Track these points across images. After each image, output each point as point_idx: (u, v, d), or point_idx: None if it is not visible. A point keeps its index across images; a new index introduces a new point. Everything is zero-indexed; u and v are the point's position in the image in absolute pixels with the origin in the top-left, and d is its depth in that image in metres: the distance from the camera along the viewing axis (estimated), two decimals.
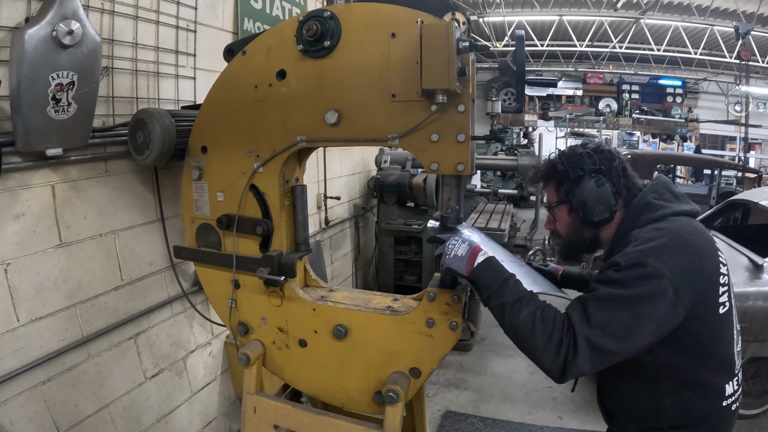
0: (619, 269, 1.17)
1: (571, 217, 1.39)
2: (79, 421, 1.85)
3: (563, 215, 1.41)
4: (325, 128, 1.52)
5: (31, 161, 1.63)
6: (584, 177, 1.33)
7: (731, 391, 1.29)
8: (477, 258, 1.29)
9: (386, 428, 1.52)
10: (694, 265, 1.19)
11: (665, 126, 14.25)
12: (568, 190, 1.36)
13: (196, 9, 2.32)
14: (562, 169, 1.37)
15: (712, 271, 1.24)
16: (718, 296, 1.25)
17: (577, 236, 1.41)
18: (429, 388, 3.50)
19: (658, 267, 1.14)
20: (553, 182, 1.42)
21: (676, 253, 1.17)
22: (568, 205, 1.38)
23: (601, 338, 1.12)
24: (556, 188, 1.41)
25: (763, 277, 2.99)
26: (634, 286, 1.14)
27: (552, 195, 1.43)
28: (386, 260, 4.81)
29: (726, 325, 1.28)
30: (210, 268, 1.83)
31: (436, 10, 1.36)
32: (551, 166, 1.41)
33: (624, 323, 1.13)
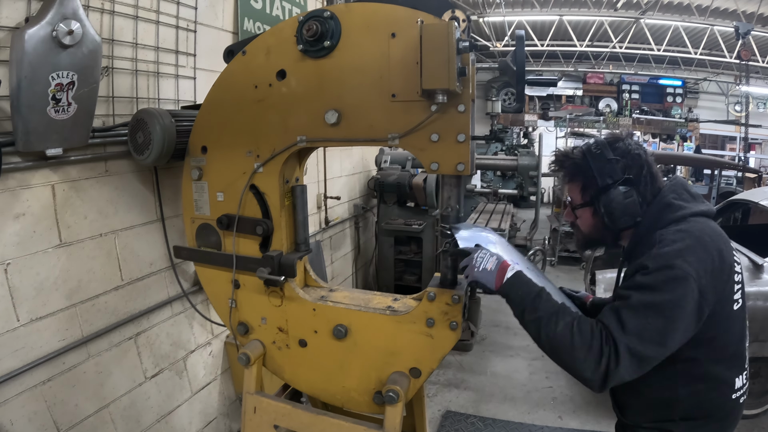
0: (648, 272, 1.19)
1: (595, 220, 1.38)
2: (79, 421, 1.85)
3: (587, 216, 1.40)
4: (325, 128, 1.52)
5: (31, 161, 1.63)
6: (612, 186, 1.31)
7: (741, 384, 1.35)
8: (506, 273, 1.29)
9: (386, 428, 1.52)
10: (715, 265, 1.21)
11: (665, 126, 14.24)
12: (595, 196, 1.35)
13: (196, 9, 2.32)
14: (591, 176, 1.34)
15: (730, 270, 1.27)
16: (733, 294, 1.29)
17: (598, 235, 1.42)
18: (429, 388, 3.50)
19: (684, 268, 1.16)
20: (578, 183, 1.39)
21: (700, 254, 1.20)
22: (593, 208, 1.37)
23: (640, 345, 1.14)
24: (582, 190, 1.39)
25: (763, 277, 2.99)
26: (664, 289, 1.16)
27: (576, 195, 1.41)
28: (386, 260, 4.81)
29: (738, 322, 1.34)
30: (210, 268, 1.84)
31: (435, 10, 1.36)
32: (578, 167, 1.37)
33: (659, 328, 1.15)
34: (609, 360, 1.14)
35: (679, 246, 1.20)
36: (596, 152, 1.34)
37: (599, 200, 1.34)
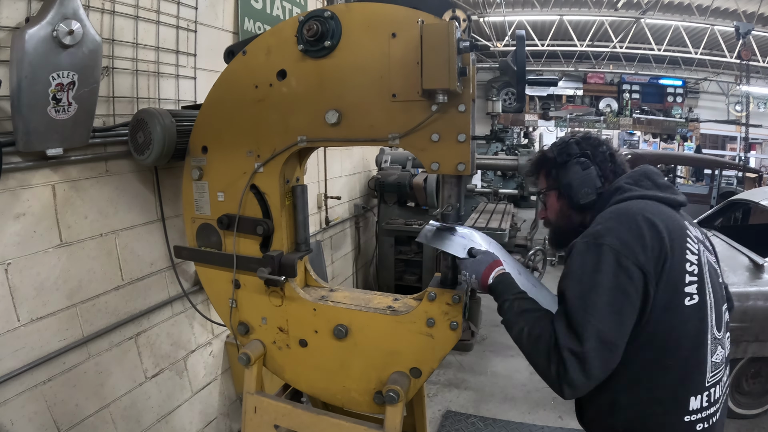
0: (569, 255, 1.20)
1: (560, 203, 1.41)
2: (79, 421, 1.85)
3: (552, 202, 1.44)
4: (325, 128, 1.52)
5: (32, 161, 1.63)
6: (570, 162, 1.36)
7: (697, 406, 1.17)
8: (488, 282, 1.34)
9: (387, 428, 1.52)
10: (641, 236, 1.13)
11: (666, 126, 14.24)
12: (556, 176, 1.40)
13: (196, 9, 2.32)
14: (551, 156, 1.41)
15: (675, 253, 1.16)
16: (683, 284, 1.16)
17: (566, 221, 1.42)
18: (429, 388, 3.50)
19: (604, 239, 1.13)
20: (543, 171, 1.46)
21: (623, 223, 1.16)
22: (557, 191, 1.41)
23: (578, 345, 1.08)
24: (546, 176, 1.45)
25: (763, 277, 2.99)
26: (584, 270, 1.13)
27: (542, 182, 1.47)
28: (387, 260, 4.81)
29: (693, 322, 1.17)
30: (210, 268, 1.84)
31: (436, 10, 1.36)
32: (542, 156, 1.45)
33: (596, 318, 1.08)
34: (558, 367, 1.09)
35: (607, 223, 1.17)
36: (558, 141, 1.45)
37: (560, 178, 1.38)
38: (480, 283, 1.36)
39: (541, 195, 1.48)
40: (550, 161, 1.42)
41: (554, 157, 1.40)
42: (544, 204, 1.48)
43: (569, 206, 1.39)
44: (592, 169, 1.35)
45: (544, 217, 1.50)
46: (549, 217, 1.47)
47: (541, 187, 1.47)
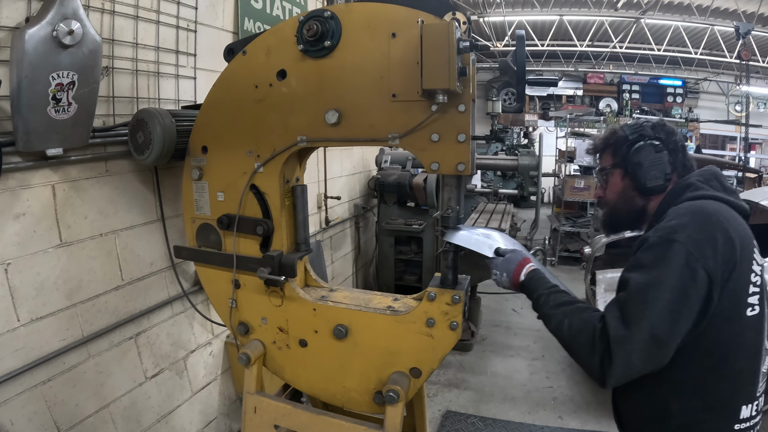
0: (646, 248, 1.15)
1: (624, 183, 1.35)
2: (79, 421, 1.85)
3: (616, 180, 1.37)
4: (325, 128, 1.52)
5: (32, 161, 1.63)
6: (643, 142, 1.31)
7: (747, 415, 1.16)
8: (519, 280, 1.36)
9: (387, 428, 1.52)
10: (718, 246, 1.09)
11: None
12: (625, 154, 1.33)
13: (196, 9, 2.33)
14: (622, 135, 1.35)
15: (743, 263, 1.13)
16: (747, 295, 1.15)
17: (626, 203, 1.36)
18: (429, 388, 3.50)
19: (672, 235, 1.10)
20: (611, 148, 1.38)
21: (698, 223, 1.12)
22: (623, 170, 1.35)
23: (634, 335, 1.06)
24: (613, 153, 1.37)
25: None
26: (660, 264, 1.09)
27: (607, 159, 1.39)
28: (386, 260, 4.81)
29: (751, 332, 1.16)
30: (210, 268, 1.84)
31: (436, 10, 1.36)
32: (612, 133, 1.38)
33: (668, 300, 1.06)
34: (602, 356, 1.07)
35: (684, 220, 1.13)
36: (631, 122, 1.37)
37: (629, 156, 1.32)
38: (512, 281, 1.37)
39: (604, 172, 1.40)
40: (621, 139, 1.35)
41: (627, 135, 1.34)
42: (605, 182, 1.40)
43: (633, 187, 1.34)
44: (664, 154, 1.30)
45: (601, 196, 1.43)
46: (607, 197, 1.40)
47: (606, 164, 1.39)
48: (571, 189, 7.24)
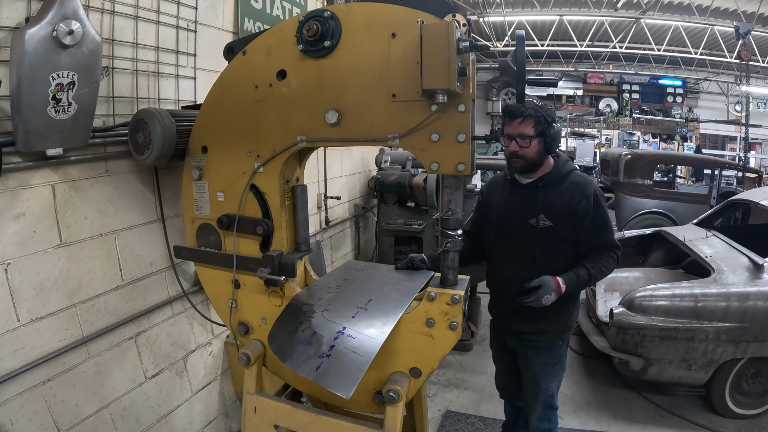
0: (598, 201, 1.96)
1: (539, 147, 1.94)
2: (79, 421, 1.85)
3: (534, 145, 1.92)
4: (325, 128, 1.52)
5: (32, 161, 1.63)
6: (553, 123, 1.93)
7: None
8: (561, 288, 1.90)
9: (386, 428, 1.52)
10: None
11: (665, 126, 14.24)
12: (544, 130, 1.91)
13: (196, 9, 2.32)
14: (540, 115, 1.90)
15: None
16: None
17: (538, 159, 1.96)
18: (429, 388, 3.50)
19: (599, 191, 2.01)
20: (531, 120, 1.90)
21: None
22: (541, 138, 1.92)
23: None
24: (535, 125, 1.90)
25: (763, 277, 2.99)
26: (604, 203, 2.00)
27: (530, 129, 1.90)
28: (387, 260, 4.80)
29: None
30: (210, 268, 1.84)
31: (436, 11, 1.36)
32: (534, 110, 1.90)
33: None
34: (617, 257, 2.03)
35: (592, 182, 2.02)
36: (538, 104, 1.95)
37: (546, 132, 1.91)
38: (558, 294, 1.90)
39: (525, 137, 1.90)
40: (540, 118, 1.90)
41: (544, 116, 1.90)
42: (527, 143, 1.91)
43: (545, 151, 1.96)
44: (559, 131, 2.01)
45: (518, 152, 1.93)
46: (526, 153, 1.93)
47: (529, 132, 1.90)
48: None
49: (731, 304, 2.88)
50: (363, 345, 1.39)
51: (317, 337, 1.44)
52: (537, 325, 2.04)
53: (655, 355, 2.98)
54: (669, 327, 2.91)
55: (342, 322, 1.48)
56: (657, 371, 3.04)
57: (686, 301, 2.93)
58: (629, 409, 3.24)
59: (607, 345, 3.23)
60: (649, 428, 3.04)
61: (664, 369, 3.02)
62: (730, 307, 2.87)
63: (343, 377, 1.32)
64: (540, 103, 1.97)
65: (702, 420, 3.10)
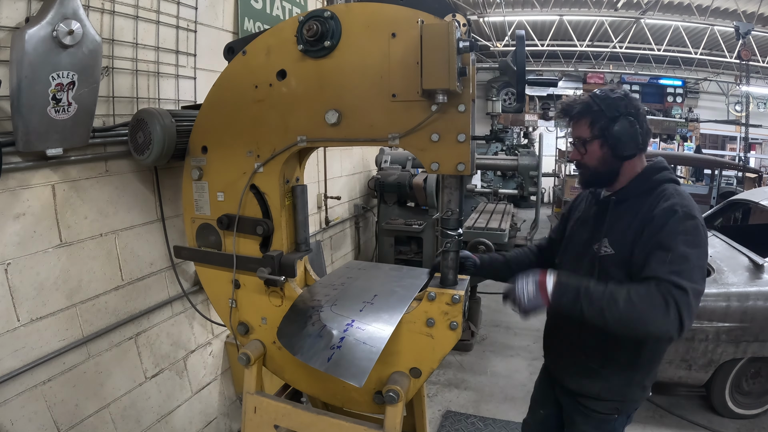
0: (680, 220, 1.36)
1: (603, 151, 1.52)
2: (79, 421, 1.85)
3: (595, 149, 1.53)
4: (325, 128, 1.52)
5: (32, 161, 1.63)
6: (620, 117, 1.47)
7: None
8: (547, 287, 1.38)
9: (386, 428, 1.52)
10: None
11: (665, 126, 14.22)
12: (604, 128, 1.49)
13: (196, 9, 2.33)
14: (597, 109, 1.49)
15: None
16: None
17: (605, 167, 1.54)
18: (429, 388, 3.50)
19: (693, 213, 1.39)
20: (586, 119, 1.52)
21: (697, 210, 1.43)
22: (601, 140, 1.51)
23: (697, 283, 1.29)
24: (590, 125, 1.52)
25: (763, 277, 2.99)
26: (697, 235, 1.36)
27: (584, 131, 1.54)
28: (386, 260, 4.81)
29: None
30: (210, 268, 1.84)
31: (436, 11, 1.36)
32: (586, 105, 1.52)
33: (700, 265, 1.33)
34: (677, 305, 1.24)
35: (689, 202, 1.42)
36: (601, 94, 1.52)
37: (608, 130, 1.48)
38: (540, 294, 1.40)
39: (582, 141, 1.55)
40: (598, 113, 1.49)
41: (603, 110, 1.48)
42: (584, 149, 1.55)
43: (612, 155, 1.51)
44: (638, 129, 1.49)
45: (580, 160, 1.58)
46: (587, 162, 1.56)
47: (584, 135, 1.54)
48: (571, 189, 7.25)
49: (731, 304, 2.88)
50: (372, 336, 1.42)
51: (327, 330, 1.48)
52: (590, 387, 1.60)
53: None
54: None
55: (350, 315, 1.52)
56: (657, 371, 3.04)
57: None
58: None
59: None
60: (649, 428, 3.04)
61: (664, 369, 3.02)
62: (730, 307, 2.88)
63: (355, 367, 1.35)
64: (603, 92, 1.51)
65: (702, 420, 3.10)
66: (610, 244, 1.50)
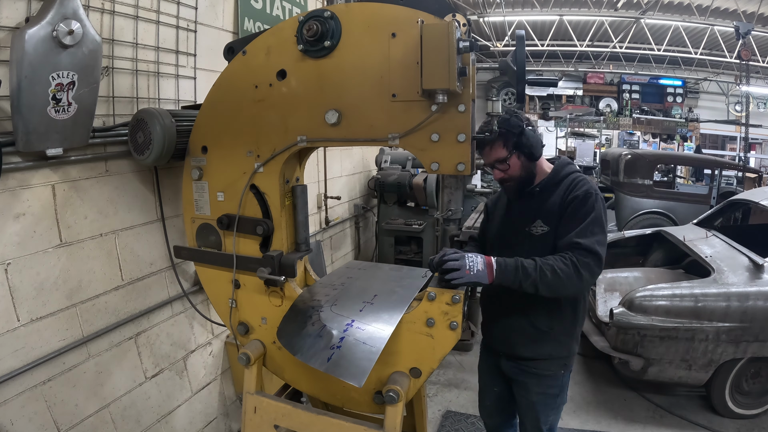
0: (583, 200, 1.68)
1: (521, 161, 1.76)
2: (79, 421, 1.85)
3: (515, 162, 1.75)
4: (325, 128, 1.52)
5: (32, 161, 1.63)
6: (524, 129, 1.71)
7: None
8: (493, 266, 1.57)
9: (386, 428, 1.52)
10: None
11: (665, 126, 14.23)
12: (516, 142, 1.71)
13: (196, 9, 2.32)
14: (504, 131, 1.70)
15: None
16: None
17: (527, 173, 1.78)
18: (429, 388, 3.50)
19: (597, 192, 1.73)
20: (499, 142, 1.72)
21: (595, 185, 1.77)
22: (517, 152, 1.73)
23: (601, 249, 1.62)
24: (504, 145, 1.72)
25: (763, 277, 2.99)
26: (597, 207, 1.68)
27: (501, 152, 1.73)
28: (386, 260, 4.81)
29: None
30: (210, 268, 1.84)
31: (436, 11, 1.36)
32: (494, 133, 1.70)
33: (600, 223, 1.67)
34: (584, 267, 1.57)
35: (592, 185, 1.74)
36: (501, 120, 1.72)
37: (519, 142, 1.71)
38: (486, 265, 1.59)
39: (503, 160, 1.74)
40: (506, 134, 1.71)
41: (509, 129, 1.70)
42: (507, 165, 1.75)
43: (529, 161, 1.76)
44: (535, 131, 1.77)
45: (504, 177, 1.79)
46: (512, 174, 1.77)
47: (502, 155, 1.73)
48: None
49: (731, 304, 2.88)
50: (372, 336, 1.43)
51: (327, 330, 1.48)
52: (540, 350, 1.81)
53: (655, 355, 2.98)
54: (669, 327, 2.91)
55: (350, 315, 1.53)
56: (657, 371, 3.04)
57: (686, 301, 2.93)
58: (629, 409, 3.24)
59: (607, 345, 3.23)
60: (649, 428, 3.04)
61: (664, 369, 3.02)
62: (730, 307, 2.87)
63: (355, 367, 1.36)
64: (496, 117, 1.74)
65: (702, 420, 3.10)
66: (544, 224, 1.74)
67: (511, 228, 1.86)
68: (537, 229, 1.76)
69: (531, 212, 1.79)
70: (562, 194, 1.75)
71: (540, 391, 1.86)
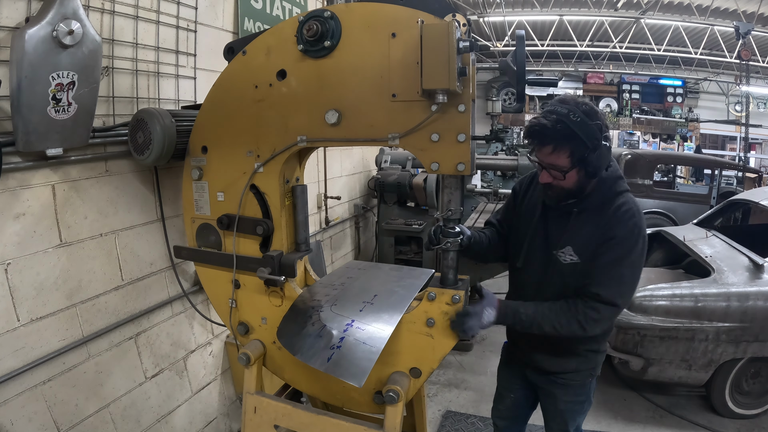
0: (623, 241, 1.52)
1: (579, 176, 1.52)
2: (79, 421, 1.85)
3: (572, 176, 1.51)
4: (325, 128, 1.52)
5: (32, 161, 1.63)
6: (599, 146, 1.46)
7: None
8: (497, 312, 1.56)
9: (386, 428, 1.52)
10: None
11: (665, 126, 14.23)
12: (584, 158, 1.46)
13: (196, 9, 2.32)
14: (577, 139, 1.43)
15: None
16: None
17: (578, 186, 1.55)
18: (429, 388, 3.50)
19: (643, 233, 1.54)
20: (566, 149, 1.46)
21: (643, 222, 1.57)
22: (580, 167, 1.49)
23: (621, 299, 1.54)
24: (570, 155, 1.47)
25: (763, 277, 2.99)
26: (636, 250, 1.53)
27: (564, 161, 1.48)
28: (387, 260, 4.81)
29: None
30: (210, 268, 1.84)
31: (436, 11, 1.36)
32: (563, 135, 1.44)
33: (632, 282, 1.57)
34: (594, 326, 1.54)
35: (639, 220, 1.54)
36: (577, 120, 1.43)
37: (587, 159, 1.46)
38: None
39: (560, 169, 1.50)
40: (577, 144, 1.44)
41: (584, 141, 1.43)
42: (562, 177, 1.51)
43: (587, 176, 1.53)
44: (609, 148, 1.52)
45: (551, 183, 1.55)
46: (565, 186, 1.54)
47: (563, 165, 1.48)
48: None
49: (731, 304, 2.88)
50: (372, 336, 1.42)
51: (327, 330, 1.48)
52: (566, 364, 1.74)
53: (655, 355, 2.98)
54: (669, 327, 2.91)
55: (350, 315, 1.52)
56: (657, 371, 3.04)
57: (686, 301, 2.93)
58: (629, 409, 3.24)
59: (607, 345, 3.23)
60: (649, 428, 3.04)
61: (664, 369, 3.02)
62: (730, 307, 2.87)
63: (355, 367, 1.36)
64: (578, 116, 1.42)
65: (702, 420, 3.10)
66: (575, 253, 1.56)
67: (538, 241, 1.67)
68: (566, 257, 1.58)
69: (563, 234, 1.60)
70: (603, 227, 1.53)
71: (568, 400, 1.80)
